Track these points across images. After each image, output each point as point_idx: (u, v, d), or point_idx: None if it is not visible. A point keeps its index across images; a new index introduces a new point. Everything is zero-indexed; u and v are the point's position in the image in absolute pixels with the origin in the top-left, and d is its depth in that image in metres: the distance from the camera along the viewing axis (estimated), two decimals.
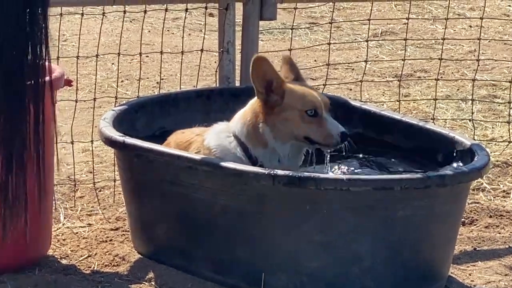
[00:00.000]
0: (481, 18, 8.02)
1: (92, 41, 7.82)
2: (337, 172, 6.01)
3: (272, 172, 5.58)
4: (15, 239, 5.62)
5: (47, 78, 5.73)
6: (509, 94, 7.82)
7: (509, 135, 7.40)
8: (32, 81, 4.83)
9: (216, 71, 6.80)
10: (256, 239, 5.80)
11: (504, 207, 6.71)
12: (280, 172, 5.56)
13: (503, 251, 6.22)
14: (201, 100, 6.29)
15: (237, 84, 7.04)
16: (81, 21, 7.39)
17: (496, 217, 6.60)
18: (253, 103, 5.76)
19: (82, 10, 7.26)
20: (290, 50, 7.17)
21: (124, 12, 7.62)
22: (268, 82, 5.72)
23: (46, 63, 4.83)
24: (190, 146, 5.92)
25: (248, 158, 5.85)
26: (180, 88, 6.90)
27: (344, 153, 5.89)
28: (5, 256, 5.81)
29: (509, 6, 9.01)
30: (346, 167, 6.12)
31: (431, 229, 5.81)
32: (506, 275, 6.02)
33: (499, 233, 6.47)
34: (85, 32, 7.47)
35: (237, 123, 5.80)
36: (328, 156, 5.82)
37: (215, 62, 6.70)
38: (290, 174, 5.57)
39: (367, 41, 7.78)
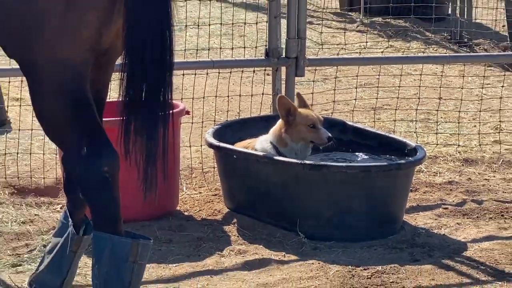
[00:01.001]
0: (421, 75, 8.01)
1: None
2: (341, 160, 6.12)
3: (301, 162, 5.85)
4: (159, 200, 5.39)
5: (175, 110, 5.83)
6: (436, 117, 7.82)
7: (436, 141, 7.43)
8: (166, 113, 4.21)
9: (270, 106, 6.88)
10: (293, 200, 5.89)
11: (434, 181, 6.79)
12: (306, 161, 5.86)
13: (434, 206, 6.35)
14: (262, 122, 6.37)
15: None
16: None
17: (429, 187, 6.68)
18: (279, 122, 6.02)
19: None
20: (312, 93, 7.40)
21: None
22: (287, 109, 5.97)
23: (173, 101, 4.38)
24: (248, 148, 6.10)
25: (278, 154, 5.94)
26: (250, 115, 6.94)
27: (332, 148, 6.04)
28: (153, 209, 5.74)
29: (437, 68, 8.84)
30: (346, 158, 6.18)
31: (393, 193, 5.98)
32: (435, 219, 6.10)
33: (431, 196, 6.55)
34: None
35: (271, 134, 6.03)
36: (321, 148, 6.02)
37: (270, 101, 6.68)
38: (312, 163, 5.90)
39: (356, 88, 7.89)
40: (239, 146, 6.16)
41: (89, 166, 4.14)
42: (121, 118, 4.20)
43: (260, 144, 6.01)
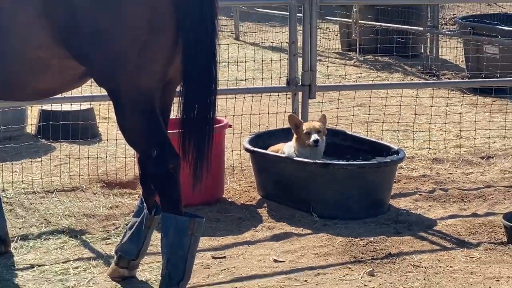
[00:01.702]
0: (401, 97, 7.97)
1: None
2: (343, 161, 5.97)
3: (314, 161, 5.74)
4: (210, 190, 5.53)
5: (220, 124, 5.89)
6: (413, 128, 7.84)
7: (413, 145, 7.41)
8: (211, 127, 4.25)
9: None
10: (308, 189, 5.78)
11: (411, 175, 6.71)
12: (317, 161, 5.75)
13: (411, 193, 6.26)
14: (284, 133, 6.16)
15: None
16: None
17: (408, 179, 6.57)
18: (294, 135, 5.85)
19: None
20: (321, 111, 7.19)
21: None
22: (295, 123, 5.89)
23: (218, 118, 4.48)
24: (280, 151, 5.99)
25: (298, 156, 5.78)
26: (276, 128, 6.82)
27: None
28: (205, 197, 5.63)
29: (413, 92, 8.72)
30: (347, 159, 6.03)
31: (381, 184, 5.87)
32: (413, 203, 6.05)
33: (409, 186, 6.46)
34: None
35: (292, 142, 5.86)
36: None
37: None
38: (322, 162, 5.79)
39: (353, 107, 7.88)
40: (272, 150, 6.05)
41: (158, 165, 4.16)
42: (180, 130, 4.24)
43: (287, 149, 5.88)
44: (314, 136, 5.72)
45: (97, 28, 3.99)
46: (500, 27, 9.95)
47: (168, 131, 4.33)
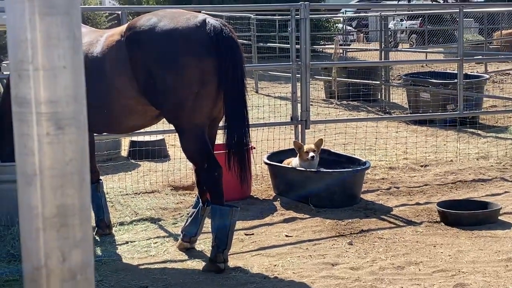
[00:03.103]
0: (366, 127, 7.79)
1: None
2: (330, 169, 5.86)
3: (310, 170, 5.66)
4: (242, 190, 5.57)
5: (250, 147, 5.87)
6: (375, 147, 7.73)
7: (375, 159, 7.26)
8: (246, 148, 4.23)
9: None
10: (307, 188, 5.67)
11: (374, 178, 6.57)
12: (313, 170, 5.67)
13: (375, 190, 6.16)
14: (291, 152, 6.00)
15: None
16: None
17: (372, 181, 6.46)
18: (298, 154, 5.73)
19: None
20: (314, 137, 7.11)
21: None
22: (297, 146, 5.76)
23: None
24: (289, 163, 5.89)
25: (300, 167, 5.68)
26: (284, 148, 6.78)
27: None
28: (239, 195, 5.67)
29: (374, 124, 8.61)
30: (332, 168, 5.90)
31: (355, 184, 5.79)
32: (376, 196, 5.95)
33: (373, 185, 6.36)
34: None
35: (296, 158, 5.75)
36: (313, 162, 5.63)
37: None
38: (315, 170, 5.70)
39: (335, 134, 7.76)
40: (286, 162, 5.91)
41: (208, 173, 4.17)
42: (225, 151, 4.27)
43: (294, 162, 5.78)
44: (311, 154, 5.64)
45: (166, 86, 4.03)
46: (430, 80, 9.97)
47: (216, 152, 4.32)
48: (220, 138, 4.34)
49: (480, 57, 13.17)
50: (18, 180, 1.08)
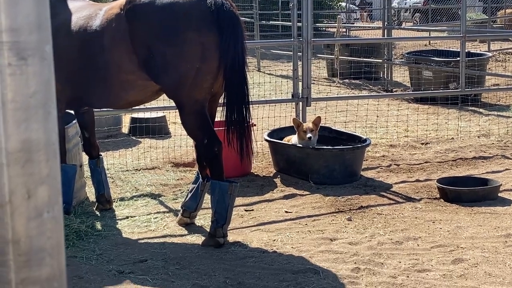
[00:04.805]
0: (367, 105, 7.76)
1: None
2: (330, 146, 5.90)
3: (310, 146, 5.65)
4: (242, 167, 5.54)
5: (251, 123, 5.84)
6: (376, 125, 7.69)
7: (376, 136, 7.25)
8: (246, 125, 4.24)
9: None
10: (307, 165, 5.67)
11: (375, 155, 6.57)
12: (313, 146, 5.67)
13: (375, 167, 6.13)
14: (291, 129, 5.93)
15: None
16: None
17: (373, 158, 6.46)
18: (297, 132, 5.72)
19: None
20: (314, 114, 7.09)
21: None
22: (296, 124, 5.75)
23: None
24: (289, 141, 5.88)
25: (300, 144, 5.68)
26: (285, 126, 6.77)
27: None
28: (239, 172, 5.64)
29: (375, 101, 8.58)
30: (332, 145, 5.91)
31: (355, 161, 5.75)
32: (376, 173, 5.96)
33: (374, 162, 6.36)
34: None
35: (296, 136, 5.73)
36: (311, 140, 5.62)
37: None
38: (315, 147, 5.70)
39: (336, 111, 7.76)
40: (286, 139, 5.89)
41: (208, 149, 4.15)
42: (224, 128, 4.27)
43: (294, 139, 5.77)
44: (309, 135, 5.60)
45: (166, 60, 4.01)
46: (433, 58, 9.92)
47: (216, 129, 4.30)
48: (220, 114, 4.34)
49: (482, 34, 13.09)
50: None
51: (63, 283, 1.04)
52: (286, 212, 4.93)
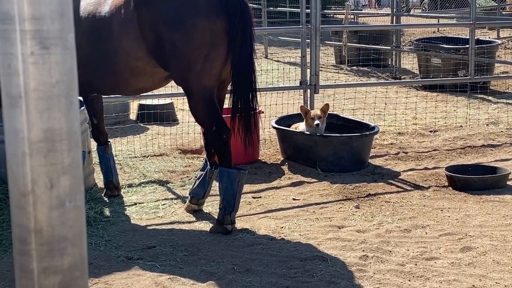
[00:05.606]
0: (375, 92, 7.70)
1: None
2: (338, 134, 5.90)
3: (318, 134, 5.65)
4: (250, 154, 5.43)
5: (258, 111, 5.81)
6: (384, 113, 7.65)
7: (384, 124, 7.18)
8: (252, 112, 4.24)
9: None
10: (315, 152, 5.67)
11: (383, 143, 6.56)
12: (321, 133, 5.66)
13: (383, 154, 6.14)
14: (299, 116, 5.92)
15: None
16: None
17: (381, 146, 6.45)
18: (304, 119, 5.71)
19: None
20: (322, 102, 7.05)
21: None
22: (304, 111, 5.73)
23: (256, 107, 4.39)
24: (297, 128, 5.88)
25: (307, 131, 5.67)
26: (293, 113, 6.74)
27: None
28: (247, 159, 5.61)
29: (384, 89, 8.60)
30: (340, 133, 5.91)
31: (363, 149, 5.76)
32: (384, 161, 5.96)
33: (382, 150, 6.35)
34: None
35: (303, 123, 5.72)
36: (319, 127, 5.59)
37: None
38: (323, 134, 5.69)
39: (344, 99, 7.74)
40: (294, 126, 5.89)
41: (216, 135, 4.16)
42: (231, 115, 4.26)
43: (302, 127, 5.77)
44: (316, 122, 5.59)
45: (175, 47, 3.99)
46: (442, 45, 9.88)
47: (224, 115, 4.31)
48: (228, 102, 4.33)
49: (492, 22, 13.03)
50: (3, 102, 1.03)
51: (85, 272, 1.04)
52: (294, 199, 4.93)
